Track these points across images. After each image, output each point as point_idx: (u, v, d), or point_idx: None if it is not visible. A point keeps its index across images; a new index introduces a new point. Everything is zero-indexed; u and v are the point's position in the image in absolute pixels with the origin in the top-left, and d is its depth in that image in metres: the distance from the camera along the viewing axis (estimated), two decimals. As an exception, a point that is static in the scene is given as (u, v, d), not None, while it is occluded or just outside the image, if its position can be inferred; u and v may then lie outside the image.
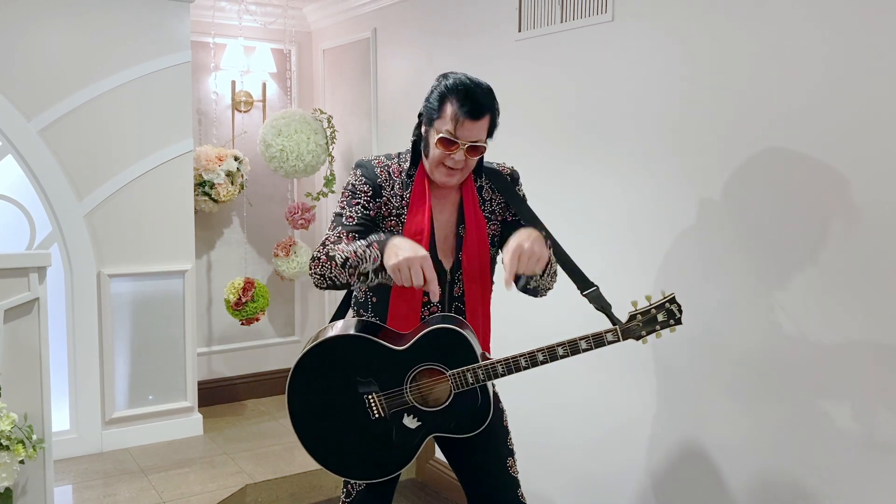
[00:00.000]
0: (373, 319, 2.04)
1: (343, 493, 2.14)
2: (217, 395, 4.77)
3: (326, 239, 1.95)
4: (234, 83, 4.71)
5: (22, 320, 2.75)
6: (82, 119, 3.84)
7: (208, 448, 4.08)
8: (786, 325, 2.20)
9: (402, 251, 1.76)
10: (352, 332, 1.95)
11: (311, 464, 2.01)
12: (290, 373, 1.96)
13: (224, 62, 4.64)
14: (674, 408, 2.55)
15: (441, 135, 1.90)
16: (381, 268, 1.79)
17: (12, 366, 2.71)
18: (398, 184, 2.02)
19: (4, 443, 2.53)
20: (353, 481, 2.09)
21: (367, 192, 1.99)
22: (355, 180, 2.02)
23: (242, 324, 4.46)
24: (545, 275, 1.97)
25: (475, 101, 1.88)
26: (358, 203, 1.99)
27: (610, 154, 2.73)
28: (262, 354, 4.98)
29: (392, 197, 2.01)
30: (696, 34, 2.42)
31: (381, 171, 2.02)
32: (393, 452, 1.96)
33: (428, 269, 1.76)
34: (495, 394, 2.09)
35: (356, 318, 2.07)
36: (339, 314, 2.15)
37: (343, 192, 2.03)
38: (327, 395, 1.94)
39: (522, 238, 1.82)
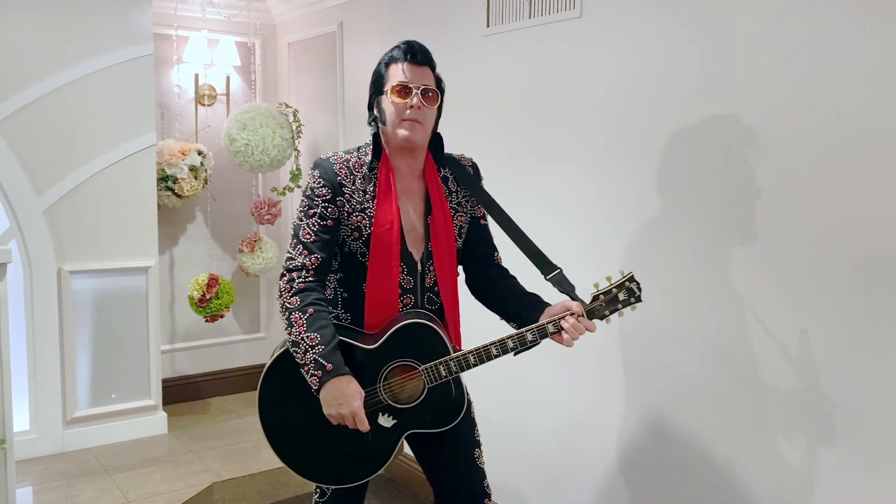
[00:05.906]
0: (345, 316, 2.02)
1: (316, 492, 2.12)
2: (182, 392, 4.71)
3: (290, 260, 1.94)
4: (197, 76, 4.64)
5: (-20, 318, 2.69)
6: (41, 112, 3.76)
7: (173, 447, 4.02)
8: (755, 315, 2.23)
9: (342, 406, 1.84)
10: None
11: (279, 461, 1.99)
12: (259, 387, 1.94)
13: (187, 55, 4.56)
14: (640, 399, 2.58)
15: (394, 84, 1.93)
16: (317, 389, 1.87)
17: (-29, 365, 2.65)
18: (360, 178, 1.98)
19: (-37, 444, 2.47)
20: None
21: (325, 196, 1.94)
22: (314, 183, 1.97)
23: (207, 321, 4.40)
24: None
25: (415, 48, 1.97)
26: (315, 213, 1.94)
27: (578, 148, 2.75)
28: (228, 351, 4.93)
29: (354, 192, 1.97)
30: (664, 31, 2.44)
31: (341, 168, 1.97)
32: (371, 453, 1.95)
33: (361, 421, 1.85)
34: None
35: None
36: None
37: (302, 197, 1.99)
38: (299, 404, 1.92)
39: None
